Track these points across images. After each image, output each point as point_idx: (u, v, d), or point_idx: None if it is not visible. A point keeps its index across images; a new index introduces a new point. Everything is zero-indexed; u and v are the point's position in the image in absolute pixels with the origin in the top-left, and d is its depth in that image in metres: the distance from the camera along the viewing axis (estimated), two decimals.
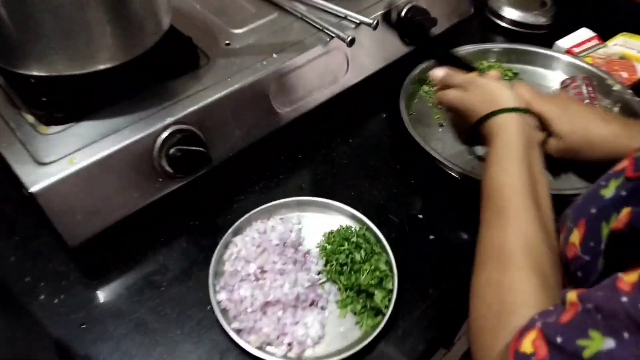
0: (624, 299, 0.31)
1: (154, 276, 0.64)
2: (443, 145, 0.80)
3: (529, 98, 0.60)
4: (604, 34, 0.98)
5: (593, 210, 0.41)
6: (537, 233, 0.45)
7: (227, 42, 0.77)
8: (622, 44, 0.97)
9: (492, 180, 0.50)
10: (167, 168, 0.64)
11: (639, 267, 0.32)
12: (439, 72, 0.67)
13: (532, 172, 0.50)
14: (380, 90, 0.87)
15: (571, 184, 0.70)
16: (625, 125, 0.60)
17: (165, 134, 0.64)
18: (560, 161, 0.64)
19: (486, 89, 0.59)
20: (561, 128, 0.59)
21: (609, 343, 0.31)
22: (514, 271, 0.43)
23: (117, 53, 0.64)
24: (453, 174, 0.73)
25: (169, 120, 0.64)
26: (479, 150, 0.69)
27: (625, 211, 0.35)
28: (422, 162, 0.76)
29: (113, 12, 0.61)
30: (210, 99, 0.67)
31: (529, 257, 0.43)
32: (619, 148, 0.58)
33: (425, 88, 0.89)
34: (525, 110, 0.56)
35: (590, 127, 0.59)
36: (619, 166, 0.42)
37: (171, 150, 0.63)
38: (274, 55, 0.74)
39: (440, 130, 0.83)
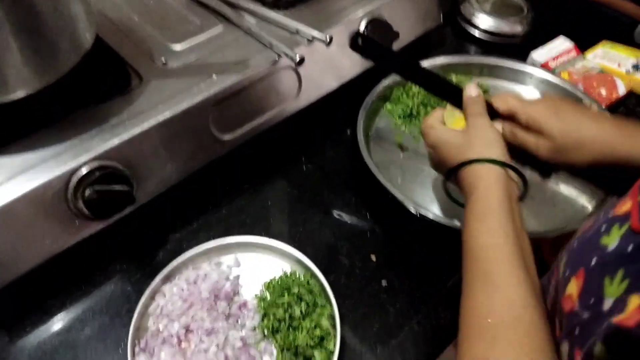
0: None
1: (69, 333, 0.57)
2: (403, 174, 0.73)
3: (516, 104, 0.58)
4: (584, 42, 0.91)
5: (593, 262, 0.37)
6: (527, 299, 0.41)
7: (163, 60, 0.69)
8: (602, 55, 0.90)
9: (475, 240, 0.47)
10: (84, 210, 0.57)
11: None
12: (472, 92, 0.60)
13: (516, 229, 0.47)
14: (342, 106, 0.80)
15: (555, 224, 0.64)
16: (618, 126, 0.56)
17: (81, 173, 0.56)
18: (549, 162, 0.60)
19: (474, 131, 0.56)
20: (552, 128, 0.56)
21: None
22: (504, 348, 0.39)
23: (28, 81, 0.56)
24: (410, 210, 0.67)
25: (85, 156, 0.57)
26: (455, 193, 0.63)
27: (635, 303, 0.30)
28: (378, 194, 0.70)
29: (19, 36, 0.53)
30: (136, 131, 0.60)
31: (520, 331, 0.39)
32: (611, 149, 0.55)
33: (389, 106, 0.82)
34: (509, 166, 0.52)
35: (582, 126, 0.56)
36: (622, 208, 0.38)
37: (87, 191, 0.56)
38: (214, 77, 0.67)
39: (401, 155, 0.76)
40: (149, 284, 0.58)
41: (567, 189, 0.70)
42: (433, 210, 0.67)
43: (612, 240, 0.36)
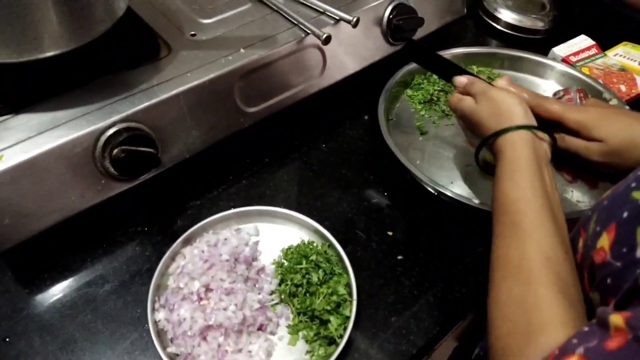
0: None
1: (89, 288, 0.58)
2: (422, 156, 0.74)
3: (560, 109, 0.59)
4: (605, 43, 0.92)
5: (625, 214, 0.39)
6: (556, 247, 0.44)
7: (192, 32, 0.71)
8: (622, 54, 0.90)
9: (504, 195, 0.49)
10: (111, 169, 0.58)
11: None
12: (462, 79, 0.65)
13: (545, 187, 0.49)
14: (362, 92, 0.81)
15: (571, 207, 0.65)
16: None
17: (109, 132, 0.58)
18: (601, 170, 0.61)
19: (497, 103, 0.58)
20: (603, 132, 0.57)
21: None
22: (537, 287, 0.41)
23: (61, 40, 0.58)
24: (429, 189, 0.67)
25: (115, 117, 0.58)
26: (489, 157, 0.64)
27: None
28: (397, 174, 0.70)
29: None
30: (164, 96, 0.61)
31: (551, 273, 0.42)
32: None
33: (409, 92, 0.83)
34: (535, 127, 0.55)
35: (632, 127, 0.57)
36: None
37: (115, 151, 0.57)
38: (242, 50, 0.68)
39: (420, 138, 0.77)
40: (170, 246, 0.59)
41: None
42: (451, 189, 0.68)
43: None
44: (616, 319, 0.33)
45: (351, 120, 0.81)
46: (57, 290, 0.58)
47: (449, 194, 0.64)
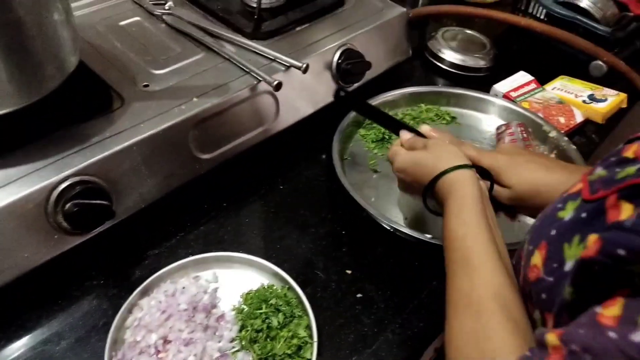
0: (612, 334, 0.31)
1: (45, 346, 0.57)
2: (377, 193, 0.76)
3: (476, 155, 0.63)
4: (543, 78, 0.98)
5: (553, 232, 0.41)
6: (503, 279, 0.46)
7: (145, 83, 0.72)
8: (560, 87, 0.96)
9: (453, 233, 0.52)
10: (64, 224, 0.58)
11: (614, 298, 0.32)
12: (407, 135, 0.67)
13: (488, 220, 0.52)
14: (317, 132, 0.83)
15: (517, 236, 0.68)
16: (568, 172, 0.61)
17: (61, 187, 0.57)
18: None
19: (438, 149, 0.61)
20: (509, 179, 0.62)
21: None
22: (488, 318, 0.43)
23: (11, 99, 0.58)
24: (384, 226, 0.69)
25: (67, 171, 0.58)
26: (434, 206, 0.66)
27: (593, 238, 0.36)
28: (353, 212, 0.72)
29: (6, 54, 0.55)
30: (117, 147, 0.62)
31: (499, 303, 0.44)
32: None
33: (362, 131, 0.86)
34: (473, 166, 0.58)
35: (536, 176, 0.61)
36: (574, 189, 0.44)
37: (67, 205, 0.57)
38: (195, 99, 0.69)
39: (374, 176, 0.79)
40: (127, 299, 0.59)
41: None
42: (404, 225, 0.70)
43: (567, 213, 0.41)
44: (551, 337, 0.35)
45: (307, 161, 0.82)
46: (12, 350, 0.57)
47: (403, 230, 0.66)
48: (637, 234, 0.32)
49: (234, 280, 0.64)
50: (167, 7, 0.85)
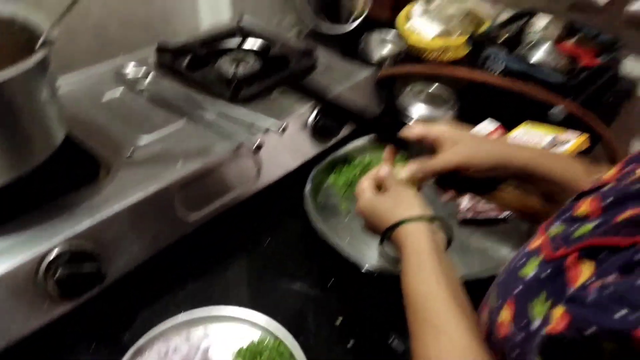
0: None
1: None
2: (351, 233, 0.79)
3: (422, 128, 0.64)
4: (509, 125, 1.04)
5: (517, 291, 0.41)
6: (468, 337, 0.45)
7: (130, 152, 0.75)
8: (524, 133, 1.02)
9: (413, 292, 0.51)
10: (54, 291, 0.59)
11: None
12: (384, 171, 0.65)
13: (447, 274, 0.51)
14: (299, 186, 0.86)
15: (486, 266, 0.71)
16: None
17: (51, 256, 0.59)
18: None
19: (398, 196, 0.61)
20: (457, 135, 0.63)
21: None
22: None
23: (1, 172, 0.60)
24: (359, 266, 0.71)
25: (56, 240, 0.59)
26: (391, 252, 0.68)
27: (560, 312, 0.35)
28: (336, 257, 0.74)
29: None
30: (104, 215, 0.64)
31: None
32: (507, 152, 0.62)
33: (332, 177, 0.90)
34: (432, 217, 0.58)
35: (479, 135, 0.65)
36: (534, 244, 0.44)
37: (57, 273, 0.58)
38: (179, 164, 0.72)
39: (346, 219, 0.83)
40: None
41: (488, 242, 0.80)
42: (376, 265, 0.71)
43: (530, 270, 0.42)
44: None
45: (289, 214, 0.85)
46: None
47: (375, 268, 0.68)
48: (603, 310, 0.32)
49: (225, 335, 0.64)
50: (148, 80, 0.90)
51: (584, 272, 0.36)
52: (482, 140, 0.65)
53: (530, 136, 1.02)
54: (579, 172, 0.60)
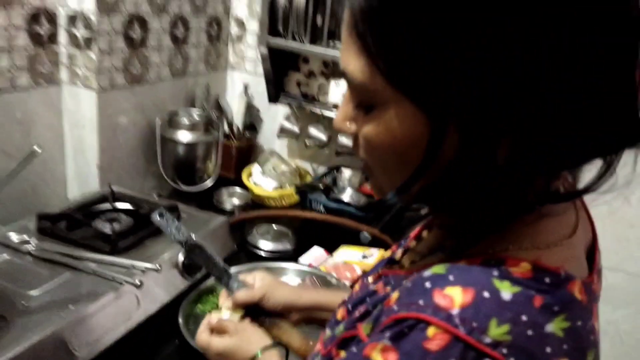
0: None
1: None
2: None
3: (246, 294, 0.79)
4: (331, 248, 1.36)
5: None
6: None
7: (24, 303, 0.88)
8: (343, 253, 1.35)
9: None
10: None
11: None
12: (214, 319, 0.77)
13: None
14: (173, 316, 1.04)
15: None
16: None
17: None
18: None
19: (245, 333, 0.72)
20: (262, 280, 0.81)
21: None
22: None
23: None
24: None
25: None
26: None
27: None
28: None
29: None
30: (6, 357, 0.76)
31: None
32: (296, 297, 0.81)
33: (200, 307, 1.09)
34: (274, 344, 0.70)
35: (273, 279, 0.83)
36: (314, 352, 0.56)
37: None
38: (71, 307, 0.88)
39: None
40: None
41: None
42: None
43: None
44: None
45: (167, 344, 1.01)
46: None
47: None
48: None
49: None
50: (32, 243, 1.05)
51: (341, 355, 0.48)
52: (280, 284, 0.83)
53: (347, 255, 1.35)
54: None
